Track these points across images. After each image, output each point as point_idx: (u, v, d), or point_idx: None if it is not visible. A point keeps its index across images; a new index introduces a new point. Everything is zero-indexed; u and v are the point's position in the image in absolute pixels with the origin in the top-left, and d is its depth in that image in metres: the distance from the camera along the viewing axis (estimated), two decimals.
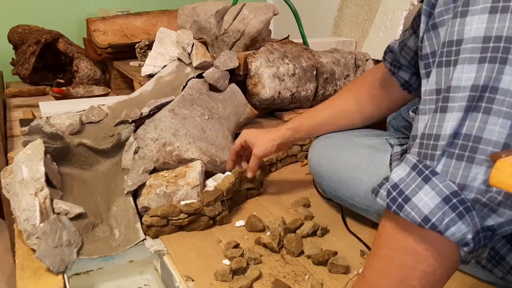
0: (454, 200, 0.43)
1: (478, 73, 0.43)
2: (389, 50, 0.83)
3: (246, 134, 0.99)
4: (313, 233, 0.90)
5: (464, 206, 0.44)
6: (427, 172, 0.45)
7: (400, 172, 0.47)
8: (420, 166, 0.45)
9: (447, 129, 0.44)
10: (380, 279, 0.50)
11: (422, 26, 0.52)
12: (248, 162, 1.01)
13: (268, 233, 0.89)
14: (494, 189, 0.43)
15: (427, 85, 0.48)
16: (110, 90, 1.62)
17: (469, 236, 0.44)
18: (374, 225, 0.92)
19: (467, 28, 0.44)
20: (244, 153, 1.04)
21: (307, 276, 0.78)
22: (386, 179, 0.49)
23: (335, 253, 0.81)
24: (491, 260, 0.70)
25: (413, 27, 0.72)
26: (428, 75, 0.49)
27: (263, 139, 0.96)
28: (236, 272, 0.77)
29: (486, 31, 0.43)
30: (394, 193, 0.46)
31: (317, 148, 1.00)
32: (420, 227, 0.44)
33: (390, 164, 0.83)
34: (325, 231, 0.91)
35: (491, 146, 0.43)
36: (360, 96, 0.93)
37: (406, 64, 0.81)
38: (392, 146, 0.86)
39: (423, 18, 0.52)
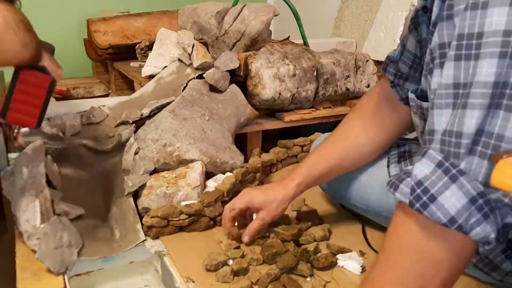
0: (480, 201, 0.43)
1: (499, 69, 0.42)
2: (389, 61, 0.76)
3: (249, 199, 0.83)
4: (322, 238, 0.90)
5: (489, 206, 0.43)
6: (454, 171, 0.44)
7: (423, 169, 0.45)
8: (447, 164, 0.44)
9: (470, 126, 0.43)
10: (394, 267, 0.49)
11: (435, 10, 0.50)
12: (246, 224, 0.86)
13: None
14: None
15: (442, 78, 0.47)
16: (110, 91, 1.62)
17: (493, 235, 0.43)
18: (376, 225, 0.92)
19: (488, 20, 0.43)
20: (236, 217, 0.86)
21: (308, 278, 0.78)
22: (406, 173, 0.47)
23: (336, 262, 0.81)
24: (487, 265, 0.70)
25: (413, 23, 0.65)
26: (441, 66, 0.48)
27: (271, 205, 0.82)
28: (237, 273, 0.77)
29: (506, 24, 0.42)
30: (418, 191, 0.45)
31: None
32: (445, 226, 0.44)
33: (388, 166, 0.83)
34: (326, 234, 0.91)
35: None
36: (367, 124, 0.83)
37: (407, 71, 0.74)
38: (390, 147, 0.87)
39: (436, 2, 0.50)
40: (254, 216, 0.84)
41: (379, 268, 0.51)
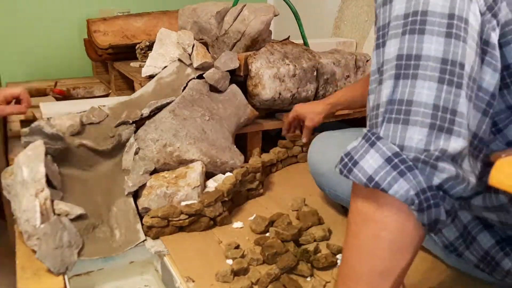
0: (396, 160, 0.46)
1: (401, 44, 0.48)
2: None
3: (297, 109, 1.19)
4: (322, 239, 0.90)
5: (405, 165, 0.46)
6: (373, 138, 0.49)
7: (354, 143, 0.51)
8: (369, 134, 0.49)
9: (383, 97, 0.49)
10: (353, 255, 0.51)
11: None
12: (299, 130, 1.24)
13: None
14: (431, 147, 0.46)
15: (371, 67, 0.54)
16: (110, 91, 1.62)
17: (412, 193, 0.46)
18: None
19: (392, 11, 0.51)
20: (294, 123, 1.23)
21: (309, 278, 0.78)
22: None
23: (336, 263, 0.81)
24: (488, 265, 0.71)
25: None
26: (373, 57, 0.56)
27: (311, 113, 1.15)
28: (237, 273, 0.77)
29: (405, 9, 0.49)
30: (345, 160, 0.50)
31: (317, 147, 1.01)
32: (366, 187, 0.47)
33: None
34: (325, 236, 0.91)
35: (422, 107, 0.46)
36: None
37: None
38: None
39: None
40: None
41: (343, 250, 0.54)
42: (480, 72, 0.50)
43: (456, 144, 0.46)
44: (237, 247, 0.85)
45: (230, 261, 0.81)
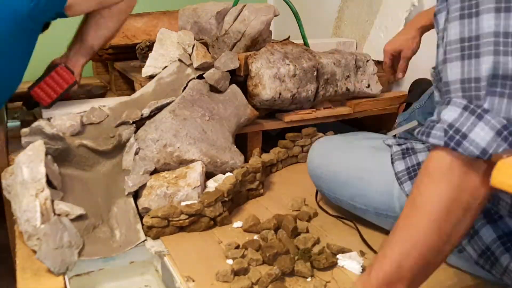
0: (505, 133, 0.49)
1: (497, 21, 0.50)
2: None
3: (390, 48, 1.14)
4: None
5: None
6: (479, 110, 0.50)
7: (451, 114, 0.52)
8: (472, 106, 0.51)
9: (482, 71, 0.50)
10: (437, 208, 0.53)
11: None
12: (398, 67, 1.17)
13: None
14: None
15: (450, 35, 0.54)
16: (107, 86, 1.62)
17: None
18: (374, 226, 0.92)
19: None
20: (393, 65, 1.17)
21: (309, 278, 0.78)
22: (434, 121, 0.54)
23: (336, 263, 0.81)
24: (487, 260, 0.71)
25: None
26: (448, 26, 0.55)
27: (406, 42, 1.11)
28: (238, 273, 0.77)
29: None
30: (451, 132, 0.51)
31: (317, 151, 1.01)
32: (478, 158, 0.50)
33: (392, 163, 0.83)
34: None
35: None
36: None
37: None
38: (390, 146, 0.88)
39: None
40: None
41: (408, 218, 0.56)
42: None
43: None
44: (237, 247, 0.85)
45: (230, 261, 0.81)
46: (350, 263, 0.80)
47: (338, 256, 0.82)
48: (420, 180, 0.56)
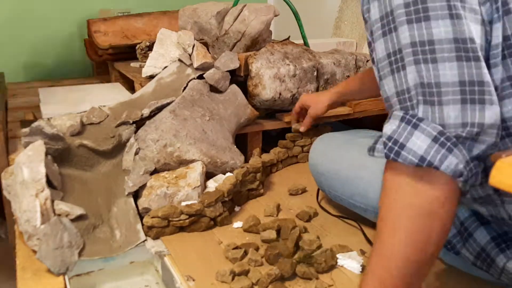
0: (442, 139, 0.50)
1: (411, 32, 0.51)
2: None
3: (303, 99, 1.20)
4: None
5: (450, 142, 0.50)
6: (414, 120, 0.51)
7: (391, 127, 0.52)
8: (408, 116, 0.52)
9: (409, 81, 0.52)
10: (398, 234, 0.53)
11: None
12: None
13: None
14: (468, 120, 0.49)
15: (378, 53, 0.56)
16: None
17: (461, 166, 0.50)
18: (373, 225, 0.92)
19: (391, 1, 0.53)
20: (302, 113, 1.23)
21: (311, 280, 0.78)
22: (380, 136, 0.54)
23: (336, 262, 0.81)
24: (484, 262, 0.71)
25: None
26: (374, 46, 0.57)
27: (316, 103, 1.15)
28: (238, 273, 0.77)
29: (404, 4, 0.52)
30: (389, 144, 0.52)
31: (318, 148, 1.01)
32: (418, 167, 0.50)
33: None
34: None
35: (450, 87, 0.50)
36: None
37: None
38: None
39: None
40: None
41: (380, 235, 0.55)
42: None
43: (491, 112, 0.49)
44: (237, 247, 0.85)
45: (230, 262, 0.81)
46: (350, 262, 0.80)
47: (338, 255, 0.82)
48: (381, 193, 0.57)
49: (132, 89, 1.50)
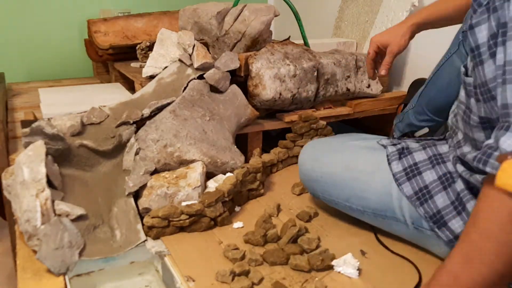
0: None
1: None
2: None
3: (377, 39, 1.04)
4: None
5: None
6: None
7: (510, 143, 0.49)
8: None
9: (509, 98, 0.48)
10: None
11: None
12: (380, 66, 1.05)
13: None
14: None
15: (510, 55, 0.52)
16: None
17: None
18: (371, 227, 0.92)
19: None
20: (378, 59, 1.07)
21: (315, 279, 0.78)
22: (490, 147, 0.51)
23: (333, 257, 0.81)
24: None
25: None
26: (504, 43, 0.53)
27: (395, 38, 1.01)
28: (238, 273, 0.77)
29: None
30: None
31: (308, 154, 0.99)
32: None
33: (389, 163, 0.83)
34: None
35: None
36: None
37: None
38: (385, 146, 0.88)
39: None
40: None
41: (472, 242, 0.53)
42: None
43: None
44: (237, 247, 0.85)
45: (230, 262, 0.81)
46: (345, 269, 0.79)
47: (333, 262, 0.80)
48: (480, 198, 0.53)
49: (132, 89, 1.50)
